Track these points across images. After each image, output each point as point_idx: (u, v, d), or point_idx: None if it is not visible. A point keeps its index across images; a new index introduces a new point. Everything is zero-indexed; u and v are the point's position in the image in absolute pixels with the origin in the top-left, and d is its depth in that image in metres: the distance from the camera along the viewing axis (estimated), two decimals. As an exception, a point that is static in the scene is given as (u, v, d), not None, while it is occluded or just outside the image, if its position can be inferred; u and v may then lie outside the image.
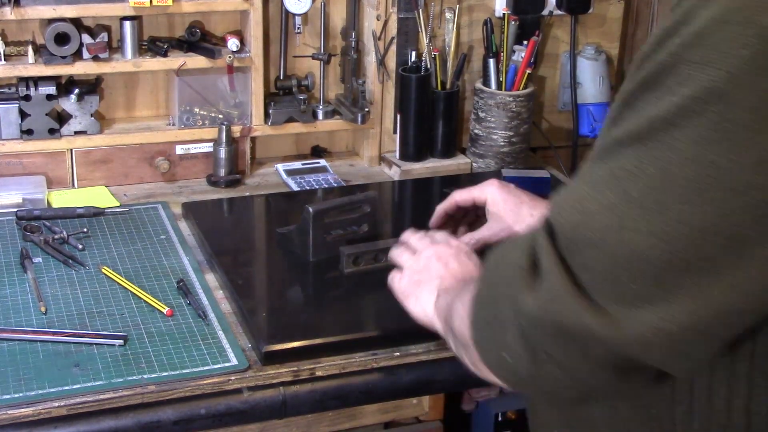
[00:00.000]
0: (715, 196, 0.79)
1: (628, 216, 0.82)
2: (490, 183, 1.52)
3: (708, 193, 0.79)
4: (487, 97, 2.03)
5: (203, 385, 1.32)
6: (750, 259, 0.80)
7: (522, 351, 0.91)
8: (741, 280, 0.80)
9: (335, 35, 2.07)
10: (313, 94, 2.08)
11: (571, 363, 0.88)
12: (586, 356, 0.87)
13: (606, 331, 0.84)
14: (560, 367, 0.89)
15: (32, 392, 1.28)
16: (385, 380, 1.40)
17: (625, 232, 0.82)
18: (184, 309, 1.48)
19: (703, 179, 0.79)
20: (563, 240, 0.87)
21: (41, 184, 1.85)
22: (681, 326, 0.82)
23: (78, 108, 1.88)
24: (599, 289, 0.84)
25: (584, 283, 0.85)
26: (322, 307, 1.51)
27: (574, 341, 0.86)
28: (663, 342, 0.83)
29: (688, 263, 0.80)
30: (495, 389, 2.01)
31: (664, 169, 0.80)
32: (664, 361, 0.85)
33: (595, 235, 0.84)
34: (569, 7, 2.10)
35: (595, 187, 0.85)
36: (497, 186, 1.51)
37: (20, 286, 1.54)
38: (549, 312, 0.86)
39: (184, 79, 1.94)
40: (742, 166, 0.78)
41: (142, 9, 1.83)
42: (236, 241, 1.72)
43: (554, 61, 2.21)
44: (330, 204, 1.63)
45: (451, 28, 2.05)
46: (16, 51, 1.85)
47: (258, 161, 2.07)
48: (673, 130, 0.80)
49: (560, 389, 0.93)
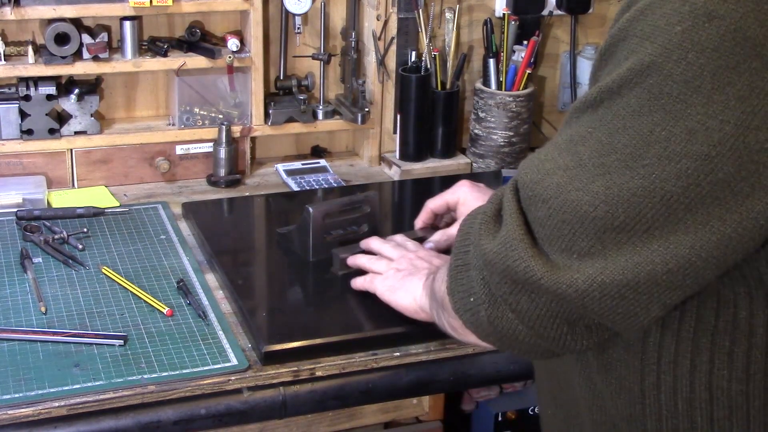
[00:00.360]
0: (650, 162, 0.85)
1: (576, 177, 0.89)
2: (461, 184, 1.56)
3: (644, 159, 0.85)
4: (487, 97, 2.03)
5: (203, 385, 1.32)
6: (683, 224, 0.85)
7: (483, 294, 0.99)
8: (674, 244, 0.86)
9: (335, 35, 2.07)
10: (313, 94, 2.08)
11: (521, 308, 0.96)
12: (534, 302, 0.94)
13: (547, 276, 0.91)
14: (513, 311, 0.96)
15: (32, 392, 1.28)
16: (385, 380, 1.40)
17: (573, 192, 0.89)
18: (184, 309, 1.48)
19: (640, 146, 0.85)
20: (524, 195, 0.94)
21: (41, 184, 1.85)
22: (614, 280, 0.88)
23: (78, 108, 1.88)
24: (548, 242, 0.92)
25: (536, 235, 0.93)
26: (322, 307, 1.51)
27: (523, 286, 0.94)
28: (598, 294, 0.89)
29: (625, 224, 0.86)
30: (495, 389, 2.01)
31: (608, 135, 0.87)
32: (603, 313, 0.90)
33: (548, 192, 0.91)
34: (569, 7, 2.10)
35: (554, 150, 0.93)
36: (468, 186, 1.56)
37: (20, 286, 1.54)
38: (502, 257, 0.94)
39: (184, 79, 1.94)
40: (675, 136, 0.83)
41: (142, 9, 1.83)
42: (236, 241, 1.72)
43: (554, 61, 2.21)
44: (330, 204, 1.63)
45: (451, 28, 2.05)
46: (16, 51, 1.85)
47: (258, 161, 2.07)
48: (617, 99, 0.87)
49: (519, 338, 0.99)
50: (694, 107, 0.82)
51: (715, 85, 0.81)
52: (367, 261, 1.50)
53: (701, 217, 0.84)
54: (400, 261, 1.45)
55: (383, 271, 1.45)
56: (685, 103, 0.83)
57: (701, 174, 0.83)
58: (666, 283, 0.87)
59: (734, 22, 0.80)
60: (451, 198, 1.56)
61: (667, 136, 0.84)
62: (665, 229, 0.85)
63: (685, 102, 0.83)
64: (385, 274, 1.44)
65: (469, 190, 1.54)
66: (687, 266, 0.86)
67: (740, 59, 0.81)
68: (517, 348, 1.03)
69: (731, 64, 0.81)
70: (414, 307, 1.36)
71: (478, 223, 1.01)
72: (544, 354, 1.02)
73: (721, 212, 0.84)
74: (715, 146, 0.82)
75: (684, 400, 0.96)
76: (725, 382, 0.94)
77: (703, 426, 0.96)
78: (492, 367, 1.45)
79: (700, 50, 0.81)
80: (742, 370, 0.93)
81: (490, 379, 1.51)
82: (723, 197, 0.83)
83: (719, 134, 0.82)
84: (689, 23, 0.82)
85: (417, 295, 1.35)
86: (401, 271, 1.42)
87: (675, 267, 0.86)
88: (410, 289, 1.37)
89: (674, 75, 0.83)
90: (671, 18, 0.83)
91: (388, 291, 1.41)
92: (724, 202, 0.84)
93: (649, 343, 0.96)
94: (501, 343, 1.03)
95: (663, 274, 0.86)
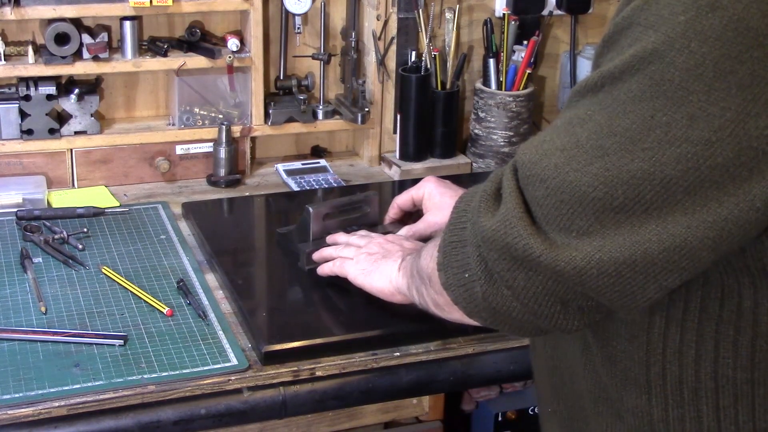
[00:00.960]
0: (650, 146, 0.86)
1: (575, 158, 0.90)
2: (427, 180, 1.60)
3: (644, 143, 0.87)
4: (487, 97, 2.03)
5: (203, 385, 1.32)
6: (681, 206, 0.86)
7: (479, 270, 1.00)
8: (671, 224, 0.87)
9: (335, 35, 2.07)
10: (313, 94, 2.08)
11: (517, 285, 0.97)
12: (530, 280, 0.95)
13: (546, 254, 0.92)
14: (509, 289, 0.97)
15: (32, 392, 1.28)
16: (385, 380, 1.40)
17: (571, 173, 0.90)
18: (184, 309, 1.48)
19: (640, 130, 0.87)
20: (522, 175, 0.96)
21: (41, 184, 1.85)
22: (612, 258, 0.89)
23: (78, 108, 1.88)
24: (546, 221, 0.93)
25: (535, 214, 0.94)
26: (322, 307, 1.51)
27: (521, 264, 0.95)
28: (595, 271, 0.90)
29: (623, 205, 0.88)
30: (495, 389, 2.01)
31: (608, 119, 0.89)
32: (600, 290, 0.92)
33: (546, 173, 0.92)
34: (569, 7, 2.10)
35: (554, 132, 0.94)
36: (434, 182, 1.59)
37: (20, 286, 1.54)
38: (501, 234, 0.95)
39: (184, 79, 1.94)
40: (676, 121, 0.85)
41: (142, 9, 1.84)
42: (236, 241, 1.72)
43: (554, 61, 2.21)
44: (330, 204, 1.63)
45: (451, 28, 2.05)
46: (16, 51, 1.85)
47: (258, 161, 2.07)
48: (619, 84, 0.88)
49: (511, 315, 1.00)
50: (695, 94, 0.84)
51: (717, 73, 0.83)
52: (334, 249, 1.50)
53: (699, 200, 0.86)
54: (369, 246, 1.45)
55: (352, 256, 1.45)
56: (686, 90, 0.84)
57: (701, 158, 0.84)
58: (662, 262, 0.88)
59: (737, 12, 0.82)
60: (417, 194, 1.59)
61: (668, 121, 0.85)
62: (663, 211, 0.87)
63: (687, 89, 0.84)
64: (356, 258, 1.44)
65: (435, 185, 1.57)
66: (683, 246, 0.87)
67: (742, 49, 0.82)
68: (507, 324, 1.04)
69: (733, 54, 0.82)
70: (390, 289, 1.36)
71: (477, 200, 1.02)
72: (532, 332, 1.04)
73: (718, 195, 0.85)
74: (715, 132, 0.84)
75: (690, 389, 0.97)
76: (730, 371, 0.95)
77: (708, 414, 0.97)
78: (492, 367, 1.45)
79: (703, 40, 0.83)
80: (747, 359, 0.94)
81: (490, 379, 1.51)
82: (721, 181, 0.85)
83: (720, 120, 0.83)
84: (693, 13, 0.83)
85: (392, 276, 1.36)
86: (373, 255, 1.42)
87: (671, 246, 0.87)
88: (384, 271, 1.38)
89: (677, 63, 0.84)
90: (675, 8, 0.85)
91: (362, 274, 1.41)
92: (722, 186, 0.85)
93: (653, 334, 0.98)
94: (493, 319, 1.04)
95: (659, 253, 0.88)
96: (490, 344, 1.43)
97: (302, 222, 1.59)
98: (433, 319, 1.29)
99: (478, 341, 1.43)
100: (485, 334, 1.42)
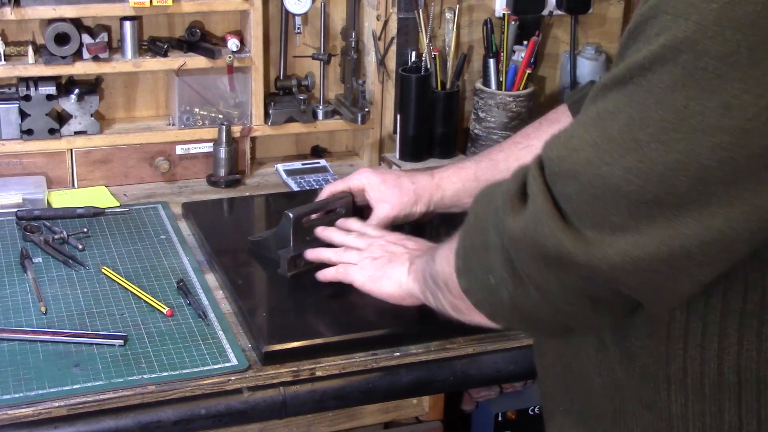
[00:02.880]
0: (685, 137, 0.84)
1: (606, 152, 0.88)
2: (363, 170, 1.60)
3: (678, 133, 0.84)
4: (487, 97, 2.03)
5: (203, 385, 1.32)
6: (717, 197, 0.85)
7: (506, 273, 0.98)
8: (707, 216, 0.85)
9: (335, 35, 2.07)
10: (313, 94, 2.08)
11: (549, 286, 0.94)
12: (561, 280, 0.93)
13: (580, 252, 0.90)
14: (539, 290, 0.95)
15: (32, 392, 1.28)
16: (385, 380, 1.40)
17: (603, 167, 0.88)
18: (184, 309, 1.48)
19: (673, 121, 0.85)
20: (550, 172, 0.93)
21: (41, 184, 1.85)
22: (648, 254, 0.87)
23: (78, 108, 1.88)
24: (577, 217, 0.91)
25: (565, 211, 0.92)
26: (322, 307, 1.51)
27: (552, 263, 0.93)
28: (631, 267, 0.88)
29: (658, 198, 0.86)
30: (495, 389, 2.01)
31: (640, 111, 0.87)
32: (636, 288, 0.91)
33: (577, 168, 0.90)
34: (569, 7, 2.10)
35: (582, 126, 0.92)
36: (371, 171, 1.59)
37: (20, 286, 1.54)
38: (530, 233, 0.93)
39: (184, 79, 1.94)
40: (710, 110, 0.83)
41: (142, 9, 1.84)
42: (236, 241, 1.72)
43: (554, 61, 2.21)
44: (309, 208, 1.60)
45: (451, 28, 2.05)
46: (16, 51, 1.85)
47: (258, 161, 2.07)
48: (649, 75, 0.86)
49: (540, 316, 0.99)
50: (730, 82, 0.82)
51: (752, 60, 0.82)
52: (334, 254, 1.49)
53: (735, 191, 0.84)
54: (372, 249, 1.44)
55: (356, 261, 1.44)
56: (721, 78, 0.82)
57: (737, 147, 0.83)
58: (699, 256, 0.87)
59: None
60: (355, 184, 1.59)
61: (702, 110, 0.83)
62: (699, 203, 0.85)
63: (722, 77, 0.82)
64: (360, 264, 1.43)
65: (372, 173, 1.58)
66: (720, 239, 0.86)
67: None
68: (534, 326, 1.03)
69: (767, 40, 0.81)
70: (400, 293, 1.36)
71: (500, 201, 0.99)
72: (559, 332, 1.03)
73: (754, 185, 0.84)
74: (750, 120, 0.82)
75: (711, 383, 0.96)
76: (754, 364, 0.94)
77: (730, 408, 0.96)
78: (492, 367, 1.45)
79: (737, 27, 0.81)
80: None
81: (490, 379, 1.51)
82: (757, 171, 0.84)
83: (755, 108, 0.82)
84: (725, 0, 0.82)
85: (402, 281, 1.35)
86: (378, 259, 1.41)
87: (708, 239, 0.86)
88: (393, 276, 1.37)
89: (710, 51, 0.82)
90: None
91: (369, 281, 1.40)
92: (758, 176, 0.84)
93: (674, 329, 0.96)
94: (519, 322, 1.03)
95: (696, 246, 0.86)
96: (490, 344, 1.43)
97: (282, 228, 1.57)
98: (434, 319, 1.30)
99: (478, 341, 1.43)
100: (485, 334, 1.42)
